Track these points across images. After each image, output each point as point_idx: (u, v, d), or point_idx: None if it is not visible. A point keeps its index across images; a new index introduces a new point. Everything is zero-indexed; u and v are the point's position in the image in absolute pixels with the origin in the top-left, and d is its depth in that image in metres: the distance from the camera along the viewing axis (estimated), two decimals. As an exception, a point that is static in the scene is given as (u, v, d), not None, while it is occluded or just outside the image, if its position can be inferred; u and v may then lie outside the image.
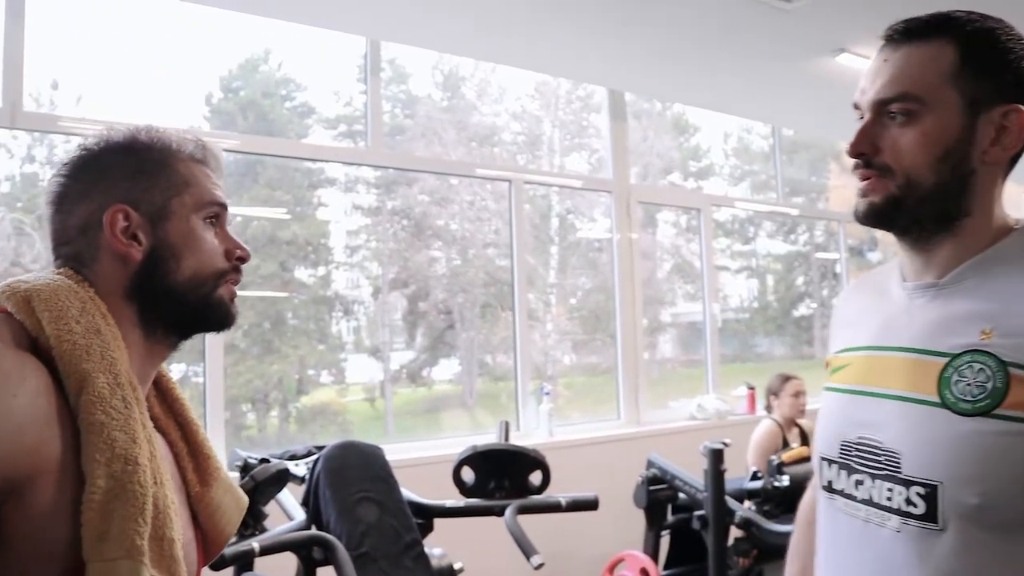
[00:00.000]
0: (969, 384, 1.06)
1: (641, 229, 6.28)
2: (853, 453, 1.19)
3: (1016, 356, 1.04)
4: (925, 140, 1.11)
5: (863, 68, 1.21)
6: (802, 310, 7.87)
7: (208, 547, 1.21)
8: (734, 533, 3.55)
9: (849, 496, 1.19)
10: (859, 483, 1.17)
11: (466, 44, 4.56)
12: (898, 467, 1.11)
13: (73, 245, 1.10)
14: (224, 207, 1.17)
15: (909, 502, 1.09)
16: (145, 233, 1.10)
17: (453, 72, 6.01)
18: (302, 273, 5.41)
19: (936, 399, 1.09)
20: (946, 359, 1.10)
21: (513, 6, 3.94)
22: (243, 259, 1.17)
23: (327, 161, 5.09)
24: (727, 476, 3.48)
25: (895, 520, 1.11)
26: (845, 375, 1.27)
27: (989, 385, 1.04)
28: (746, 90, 5.32)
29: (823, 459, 1.26)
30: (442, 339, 5.89)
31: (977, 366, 1.06)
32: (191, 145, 1.17)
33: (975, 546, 1.04)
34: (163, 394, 1.22)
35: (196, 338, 1.22)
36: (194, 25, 4.27)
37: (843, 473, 1.21)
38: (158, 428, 1.16)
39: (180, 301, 1.11)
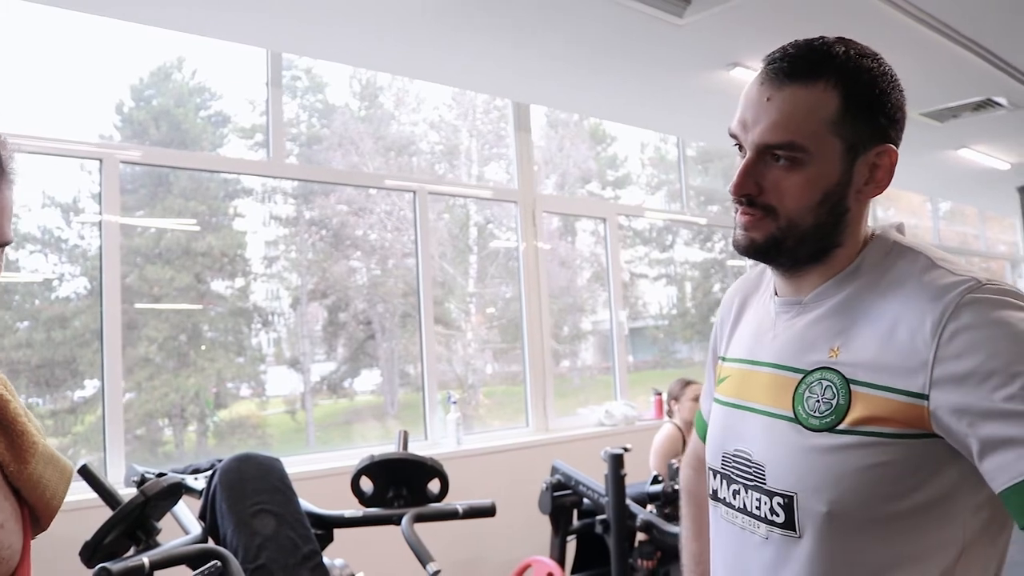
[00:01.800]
0: (818, 401, 1.13)
1: (559, 238, 6.35)
2: (731, 465, 1.26)
3: (857, 374, 1.10)
4: (808, 186, 1.14)
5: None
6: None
7: (37, 520, 1.19)
8: (639, 536, 3.61)
9: (729, 504, 1.26)
10: (736, 493, 1.24)
11: (370, 56, 4.56)
12: (763, 479, 1.18)
13: None
14: None
15: (773, 511, 1.16)
16: None
17: (371, 82, 6.00)
18: (219, 285, 5.32)
19: (791, 414, 1.16)
20: (800, 375, 1.16)
21: (416, 18, 3.95)
22: None
23: (224, 172, 5.05)
24: (632, 481, 3.54)
25: (763, 528, 1.18)
26: (726, 387, 1.34)
27: (834, 402, 1.11)
28: (646, 102, 5.44)
29: (710, 469, 1.33)
30: (363, 350, 5.87)
31: (825, 383, 1.13)
32: None
33: (828, 551, 1.11)
34: None
35: (97, 350, 1.19)
36: (105, 33, 4.21)
37: (724, 483, 1.27)
38: None
39: None
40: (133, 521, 2.45)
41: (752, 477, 1.20)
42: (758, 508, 1.18)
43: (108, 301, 3.74)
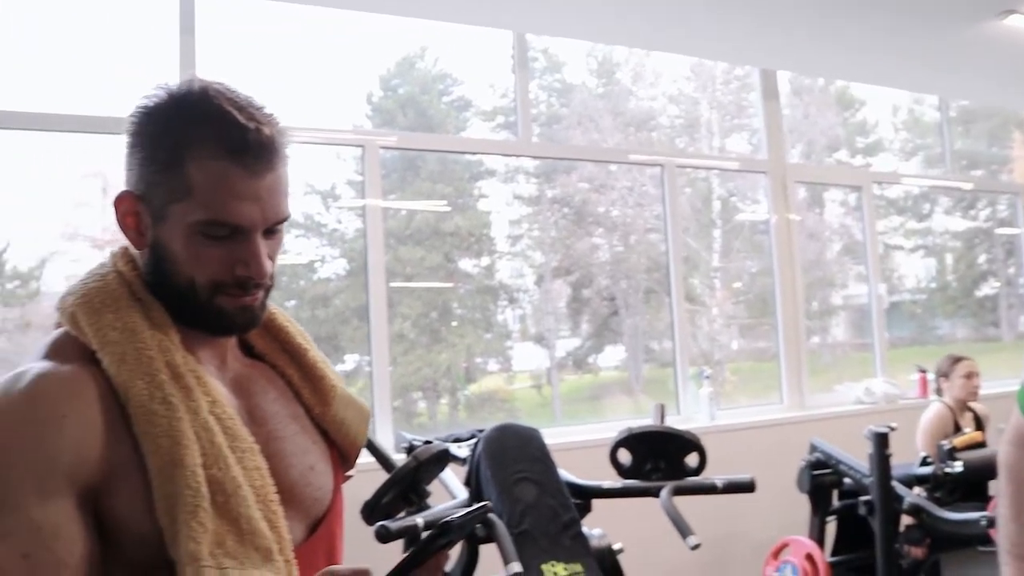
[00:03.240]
0: None
1: (807, 209, 6.09)
2: None
3: None
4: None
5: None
6: (985, 290, 7.40)
7: (344, 459, 1.25)
8: (905, 521, 3.42)
9: None
10: None
11: (615, 32, 4.55)
12: None
13: None
14: (233, 227, 1.03)
15: None
16: (147, 229, 1.06)
17: (607, 58, 6.00)
18: (466, 264, 5.53)
19: None
20: None
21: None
22: (243, 278, 1.05)
23: (478, 153, 5.20)
24: (896, 462, 3.35)
25: None
26: None
27: None
28: (904, 61, 5.04)
29: None
30: (607, 326, 5.91)
31: None
32: (234, 132, 1.01)
33: None
34: (265, 325, 1.20)
35: (361, 329, 1.24)
36: (356, 27, 4.45)
37: None
38: (266, 362, 1.20)
39: (180, 302, 1.06)
40: (407, 484, 2.57)
41: None
42: None
43: (373, 280, 3.95)
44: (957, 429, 4.11)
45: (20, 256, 4.03)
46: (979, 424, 4.21)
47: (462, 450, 2.99)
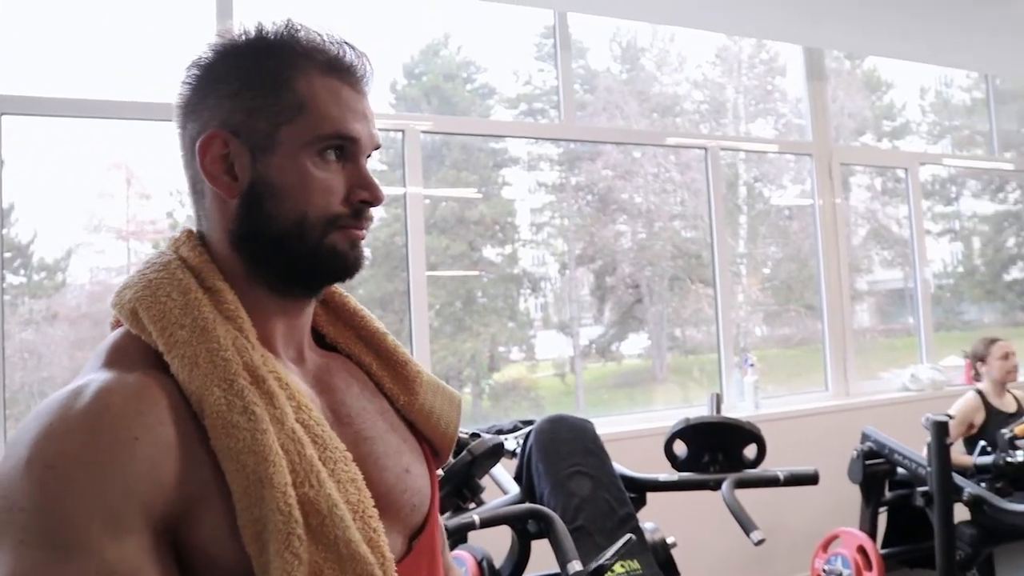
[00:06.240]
0: None
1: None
2: None
3: None
4: None
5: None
6: (1015, 274, 7.31)
7: (437, 453, 1.14)
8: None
9: None
10: None
11: (654, 10, 4.45)
12: None
13: (190, 169, 0.98)
14: (353, 140, 0.97)
15: None
16: (243, 167, 0.95)
17: (631, 44, 5.93)
18: (490, 252, 5.48)
19: None
20: None
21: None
22: (368, 202, 0.98)
23: (514, 137, 5.13)
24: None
25: None
26: None
27: None
28: (954, 37, 4.95)
29: None
30: (631, 313, 5.85)
31: None
32: (333, 50, 0.97)
33: None
34: (336, 312, 1.12)
35: (396, 319, 1.14)
36: (378, 13, 4.38)
37: None
38: (340, 351, 1.10)
39: (284, 250, 0.95)
40: (461, 479, 2.51)
41: None
42: None
43: (414, 267, 3.89)
44: (989, 414, 4.05)
45: (46, 247, 3.98)
46: (1020, 408, 4.15)
47: (510, 443, 2.93)
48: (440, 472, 1.14)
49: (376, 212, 1.01)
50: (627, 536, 1.07)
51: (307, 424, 0.91)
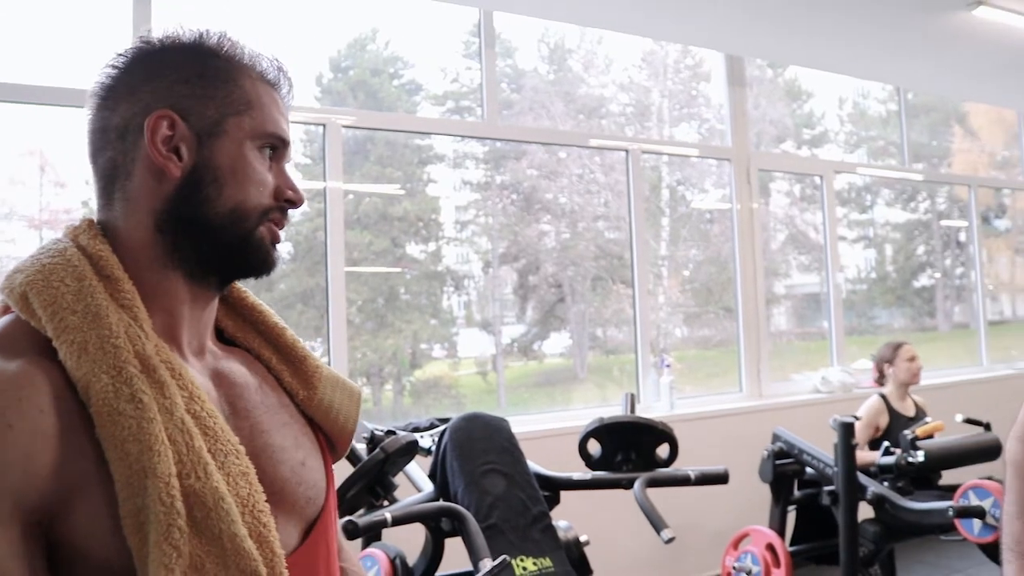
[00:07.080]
0: None
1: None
2: None
3: None
4: None
5: (1003, 22, 1.12)
6: (923, 280, 7.57)
7: (334, 448, 1.15)
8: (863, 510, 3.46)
9: None
10: None
11: (581, 11, 4.47)
12: None
13: (110, 151, 0.97)
14: (286, 144, 1.03)
15: None
16: (189, 148, 0.96)
17: (559, 45, 5.96)
18: (413, 249, 5.46)
19: None
20: None
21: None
22: (292, 202, 1.03)
23: (439, 134, 5.11)
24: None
25: None
26: None
27: None
28: (872, 51, 5.09)
29: None
30: (553, 313, 5.88)
31: None
32: (265, 63, 1.04)
33: None
34: (235, 307, 1.13)
35: (317, 315, 1.16)
36: (305, 5, 4.32)
37: None
38: (238, 344, 1.10)
39: (215, 236, 0.97)
40: (374, 477, 2.50)
41: None
42: None
43: (332, 264, 3.85)
44: (892, 417, 4.18)
45: (-49, 235, 3.85)
46: (919, 411, 4.29)
47: (425, 440, 2.92)
48: (352, 468, 1.16)
49: (299, 207, 1.06)
50: (501, 558, 1.07)
51: (198, 415, 0.90)
